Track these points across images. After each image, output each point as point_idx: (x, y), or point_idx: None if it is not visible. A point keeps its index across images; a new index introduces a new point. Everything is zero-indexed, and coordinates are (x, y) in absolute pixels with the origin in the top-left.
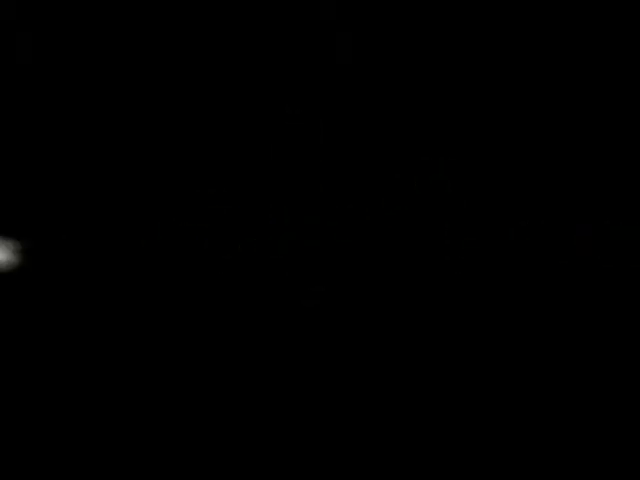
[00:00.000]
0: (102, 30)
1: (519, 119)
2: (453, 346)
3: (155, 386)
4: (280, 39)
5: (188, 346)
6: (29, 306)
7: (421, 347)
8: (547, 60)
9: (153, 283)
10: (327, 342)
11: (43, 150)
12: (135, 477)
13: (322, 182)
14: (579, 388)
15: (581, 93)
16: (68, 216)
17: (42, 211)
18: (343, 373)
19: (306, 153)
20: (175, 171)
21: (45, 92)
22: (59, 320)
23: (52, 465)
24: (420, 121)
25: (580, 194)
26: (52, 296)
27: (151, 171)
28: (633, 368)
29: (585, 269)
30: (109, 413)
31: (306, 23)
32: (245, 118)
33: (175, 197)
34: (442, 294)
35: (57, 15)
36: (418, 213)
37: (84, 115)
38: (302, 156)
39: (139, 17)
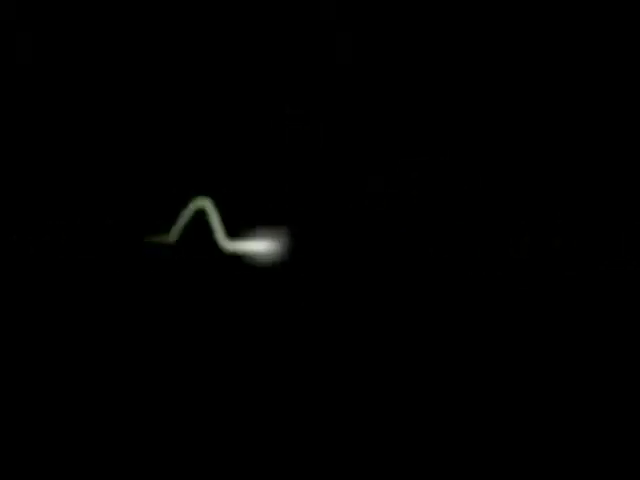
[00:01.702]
0: (102, 30)
1: (519, 118)
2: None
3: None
4: (280, 39)
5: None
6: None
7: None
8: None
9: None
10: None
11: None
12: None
13: (322, 180)
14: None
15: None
16: None
17: None
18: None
19: (307, 152)
20: (174, 170)
21: (45, 92)
22: None
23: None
24: (419, 121)
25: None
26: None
27: (146, 169)
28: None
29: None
30: None
31: (306, 23)
32: (245, 118)
33: (174, 196)
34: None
35: (57, 15)
36: (416, 211)
37: (83, 114)
38: (303, 155)
39: (138, 17)
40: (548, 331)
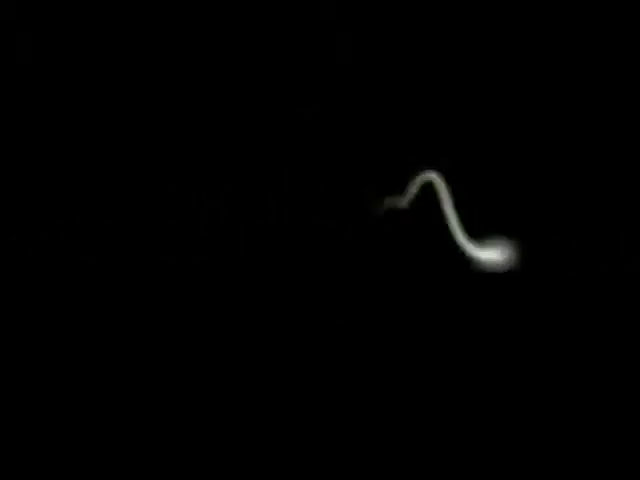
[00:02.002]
0: (102, 30)
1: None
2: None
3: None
4: (280, 39)
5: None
6: None
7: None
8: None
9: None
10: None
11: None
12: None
13: (322, 181)
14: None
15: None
16: None
17: None
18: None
19: (306, 153)
20: (174, 170)
21: (45, 92)
22: None
23: None
24: (419, 121)
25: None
26: None
27: (149, 170)
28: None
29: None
30: None
31: (306, 23)
32: (244, 118)
33: (175, 195)
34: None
35: (57, 15)
36: (416, 212)
37: (84, 115)
38: (302, 155)
39: (138, 16)
40: (548, 331)
